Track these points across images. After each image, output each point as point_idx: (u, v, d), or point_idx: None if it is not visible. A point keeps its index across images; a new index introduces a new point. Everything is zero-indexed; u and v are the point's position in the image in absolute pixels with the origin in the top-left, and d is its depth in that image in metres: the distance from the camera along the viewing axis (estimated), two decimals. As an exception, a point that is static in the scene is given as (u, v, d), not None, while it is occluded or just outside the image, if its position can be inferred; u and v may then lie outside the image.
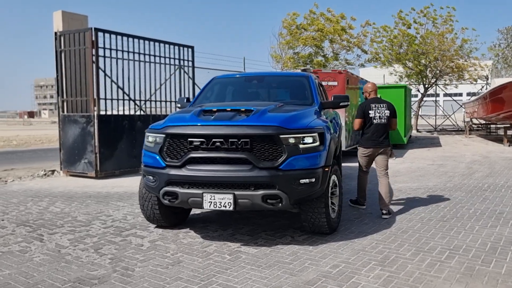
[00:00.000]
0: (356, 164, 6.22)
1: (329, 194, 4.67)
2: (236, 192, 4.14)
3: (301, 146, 4.23)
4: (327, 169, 4.46)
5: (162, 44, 10.53)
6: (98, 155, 8.89)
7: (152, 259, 4.04)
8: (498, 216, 5.47)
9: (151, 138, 4.53)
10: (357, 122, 5.73)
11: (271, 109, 4.58)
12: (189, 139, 4.26)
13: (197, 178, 4.22)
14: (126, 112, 9.87)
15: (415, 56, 21.22)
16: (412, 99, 28.82)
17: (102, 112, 9.13)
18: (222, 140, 4.17)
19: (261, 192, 4.12)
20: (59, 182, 8.63)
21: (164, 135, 4.41)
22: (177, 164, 4.30)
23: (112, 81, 9.32)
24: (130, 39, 9.86)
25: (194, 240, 4.65)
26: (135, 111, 9.98)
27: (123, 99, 9.64)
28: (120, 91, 9.55)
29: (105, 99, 9.22)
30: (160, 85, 10.51)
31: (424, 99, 24.87)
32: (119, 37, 9.55)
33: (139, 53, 9.87)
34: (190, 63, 11.35)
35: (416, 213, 5.72)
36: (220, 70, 14.46)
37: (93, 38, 8.85)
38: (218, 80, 6.25)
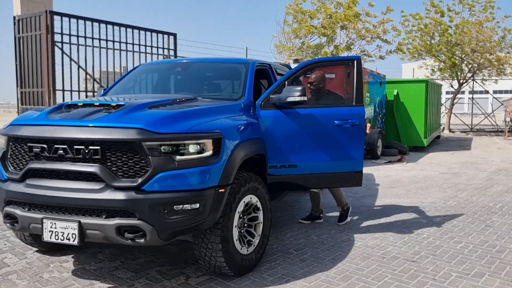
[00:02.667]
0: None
1: (236, 223, 3.38)
2: (83, 220, 2.95)
3: (177, 158, 2.96)
4: (222, 190, 3.17)
5: (138, 31, 9.50)
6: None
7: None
8: (492, 258, 3.96)
9: None
10: None
11: (154, 105, 3.34)
12: (28, 144, 3.10)
13: (35, 198, 3.06)
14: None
15: (448, 47, 19.03)
16: (446, 96, 26.44)
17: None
18: (66, 146, 2.99)
19: (115, 221, 2.90)
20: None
21: (6, 138, 3.28)
22: (17, 177, 3.16)
23: (80, 67, 8.39)
24: (103, 26, 8.90)
25: (60, 275, 3.51)
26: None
27: (86, 91, 8.68)
28: (84, 83, 8.61)
29: (63, 90, 8.30)
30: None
31: (459, 95, 22.53)
32: (88, 23, 8.61)
33: (106, 40, 8.88)
34: (172, 52, 10.26)
35: (382, 245, 4.29)
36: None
37: (48, 22, 7.92)
38: (144, 68, 5.07)
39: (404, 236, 4.59)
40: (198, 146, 3.04)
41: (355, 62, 4.47)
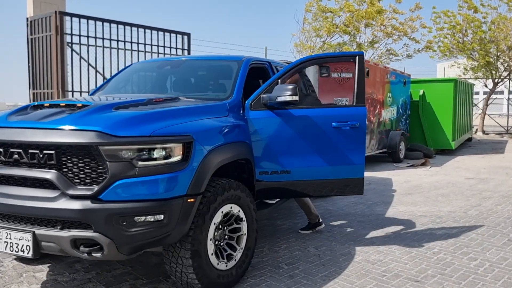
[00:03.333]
0: (379, 175, 4.48)
1: (211, 236, 3.06)
2: (37, 231, 2.71)
3: (139, 164, 2.68)
4: (192, 199, 2.85)
5: (151, 31, 9.34)
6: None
7: None
8: (510, 280, 3.46)
9: None
10: None
11: (122, 106, 3.07)
12: (-15, 148, 2.90)
13: (-9, 206, 2.85)
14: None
15: (481, 45, 18.01)
16: (484, 96, 25.14)
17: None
18: (21, 150, 2.76)
19: (70, 233, 2.65)
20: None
21: None
22: None
23: (92, 68, 8.31)
24: (114, 26, 8.81)
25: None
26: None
27: (96, 92, 8.59)
28: (94, 84, 8.52)
29: (72, 91, 8.23)
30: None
31: (496, 95, 21.35)
32: (100, 24, 8.53)
33: (117, 40, 8.75)
34: (186, 52, 10.05)
35: (384, 261, 3.86)
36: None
37: (58, 23, 7.87)
38: (137, 66, 4.84)
39: (412, 250, 4.14)
40: (164, 151, 2.75)
41: (357, 58, 4.10)
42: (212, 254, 3.08)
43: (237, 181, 3.33)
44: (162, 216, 2.71)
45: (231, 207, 3.23)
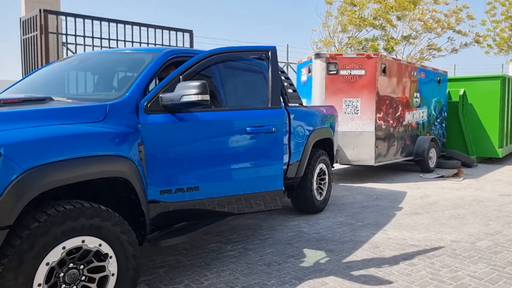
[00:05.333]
0: (395, 187, 3.58)
1: (42, 281, 2.29)
2: None
3: None
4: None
5: (147, 29, 8.81)
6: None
7: None
8: None
9: None
10: None
11: None
12: None
13: None
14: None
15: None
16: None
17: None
18: None
19: None
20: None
21: None
22: None
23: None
24: (113, 25, 8.39)
25: None
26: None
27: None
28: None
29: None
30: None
31: None
32: (97, 23, 8.14)
33: (116, 40, 8.29)
34: (188, 51, 9.42)
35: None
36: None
37: (42, 22, 7.54)
38: (53, 63, 4.21)
39: (369, 299, 3.10)
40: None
41: (270, 53, 3.37)
42: (45, 304, 2.31)
43: (98, 206, 2.54)
44: None
45: (82, 241, 2.45)
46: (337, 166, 9.73)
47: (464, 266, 3.74)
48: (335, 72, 7.89)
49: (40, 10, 7.54)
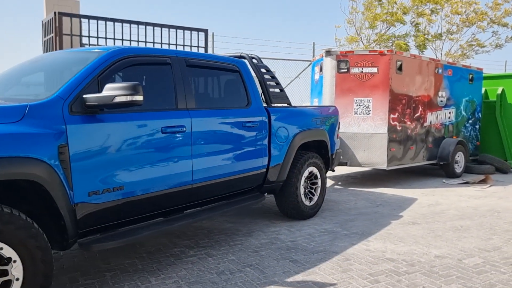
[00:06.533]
0: (407, 193, 3.44)
1: None
2: None
3: None
4: None
5: (161, 29, 8.87)
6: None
7: None
8: None
9: None
10: None
11: None
12: None
13: None
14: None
15: None
16: None
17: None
18: None
19: None
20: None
21: None
22: None
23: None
24: (126, 25, 8.56)
25: None
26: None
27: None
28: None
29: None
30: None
31: None
32: (111, 23, 8.35)
33: (122, 40, 8.44)
34: (203, 50, 9.38)
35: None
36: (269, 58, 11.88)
37: (57, 24, 7.81)
38: (23, 62, 4.28)
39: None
40: None
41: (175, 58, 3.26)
42: None
43: (1, 209, 2.50)
44: None
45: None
46: (355, 169, 9.28)
47: (433, 287, 3.34)
48: (346, 70, 7.49)
49: (55, 12, 7.81)
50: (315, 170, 5.41)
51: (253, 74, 4.95)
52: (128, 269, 3.69)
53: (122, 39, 8.46)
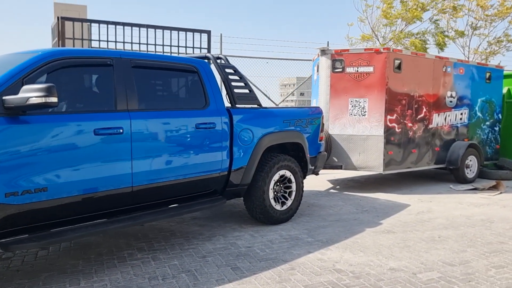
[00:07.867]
0: (401, 199, 3.40)
1: None
2: None
3: None
4: None
5: (162, 31, 8.96)
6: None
7: None
8: None
9: None
10: None
11: None
12: None
13: None
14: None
15: None
16: None
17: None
18: None
19: None
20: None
21: None
22: None
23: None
24: (131, 28, 8.73)
25: None
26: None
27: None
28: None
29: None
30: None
31: None
32: (112, 27, 8.55)
33: (123, 42, 8.59)
34: (205, 51, 9.36)
35: None
36: (286, 59, 11.65)
37: (59, 29, 8.07)
38: None
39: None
40: None
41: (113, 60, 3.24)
42: None
43: None
44: None
45: None
46: (358, 173, 8.91)
47: (365, 303, 3.10)
48: (341, 69, 7.20)
49: (58, 17, 8.08)
50: (288, 174, 5.21)
51: (217, 75, 4.85)
52: (67, 269, 3.71)
53: (123, 42, 8.61)
